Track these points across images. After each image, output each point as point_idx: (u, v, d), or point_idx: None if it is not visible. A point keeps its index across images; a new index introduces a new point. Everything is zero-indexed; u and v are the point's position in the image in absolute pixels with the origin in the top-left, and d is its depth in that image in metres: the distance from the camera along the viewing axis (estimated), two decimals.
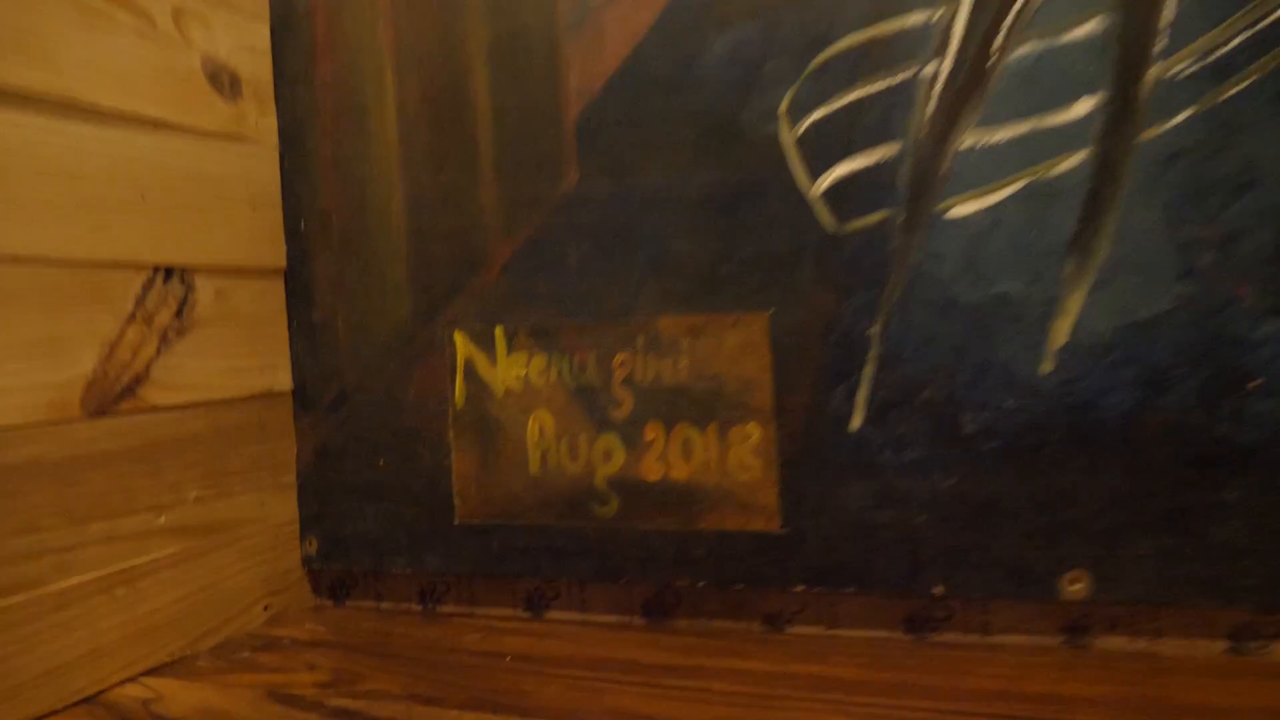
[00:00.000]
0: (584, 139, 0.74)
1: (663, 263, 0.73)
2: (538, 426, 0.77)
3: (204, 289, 0.76)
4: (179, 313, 0.74)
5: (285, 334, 0.85)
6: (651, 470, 0.74)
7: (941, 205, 0.66)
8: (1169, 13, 0.59)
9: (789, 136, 0.69)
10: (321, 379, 0.84)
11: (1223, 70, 0.59)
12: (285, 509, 0.84)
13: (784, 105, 0.69)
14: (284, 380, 0.84)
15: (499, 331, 0.78)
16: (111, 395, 0.69)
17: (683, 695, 0.61)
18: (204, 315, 0.76)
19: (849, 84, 0.67)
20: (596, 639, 0.73)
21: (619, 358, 0.75)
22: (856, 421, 0.68)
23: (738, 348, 0.71)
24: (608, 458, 0.75)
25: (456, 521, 0.80)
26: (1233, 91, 0.58)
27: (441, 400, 0.80)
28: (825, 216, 0.68)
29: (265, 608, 0.82)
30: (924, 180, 0.66)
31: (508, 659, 0.69)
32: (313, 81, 0.83)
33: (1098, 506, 0.63)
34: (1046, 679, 0.60)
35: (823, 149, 0.68)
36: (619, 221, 0.74)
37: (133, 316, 0.71)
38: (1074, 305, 0.63)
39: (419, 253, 0.80)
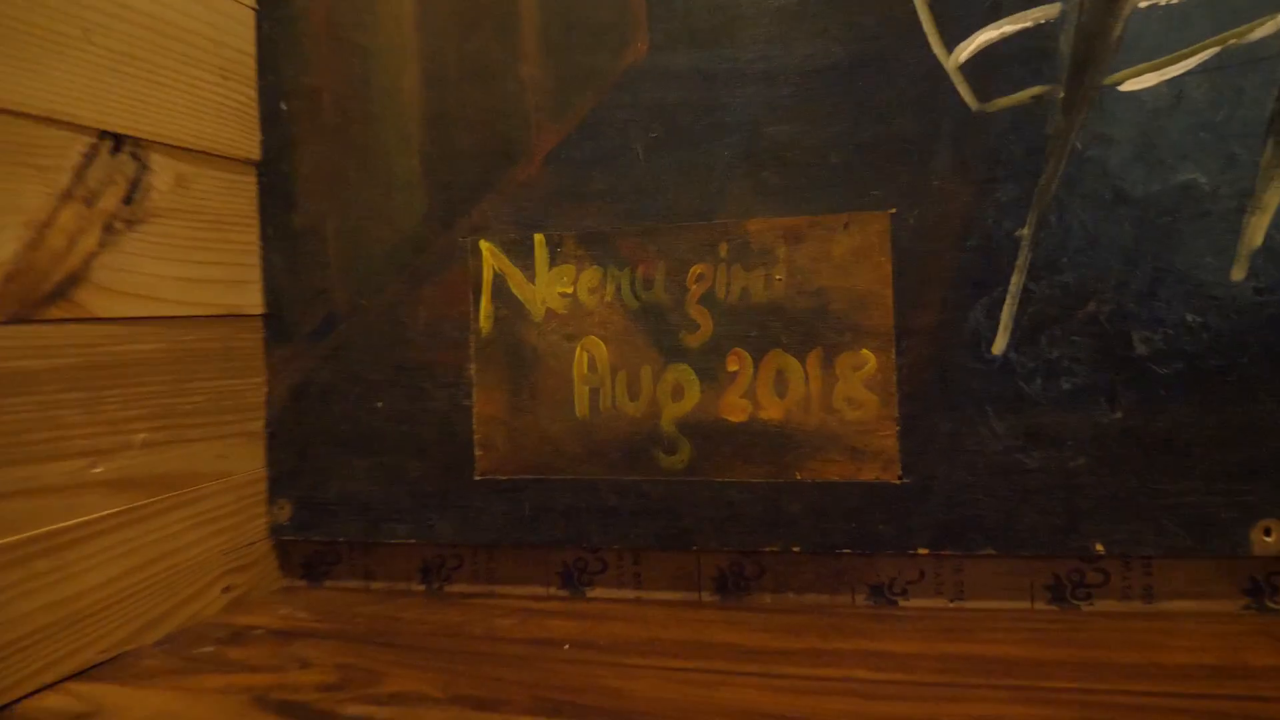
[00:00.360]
0: (657, 1, 0.61)
1: (755, 151, 0.59)
2: (587, 357, 0.63)
3: (162, 171, 0.59)
4: (129, 197, 0.57)
5: (257, 242, 0.68)
6: (735, 409, 0.60)
7: (1111, 79, 0.54)
8: None
9: None
10: (302, 301, 0.68)
11: None
12: (252, 463, 0.67)
13: None
14: (254, 300, 0.67)
15: (540, 239, 0.63)
16: (38, 295, 0.51)
17: (803, 686, 0.48)
18: (161, 205, 0.59)
19: None
20: (665, 621, 0.59)
21: (696, 270, 0.61)
22: (1000, 344, 0.56)
23: (849, 255, 0.58)
24: (678, 395, 0.61)
25: (477, 477, 0.64)
26: None
27: (461, 326, 0.65)
28: (966, 92, 0.56)
29: (225, 589, 0.64)
30: (1090, 48, 0.54)
31: (566, 647, 0.54)
32: None
33: None
34: (1232, 650, 0.49)
35: (963, 9, 0.56)
36: (700, 100, 0.60)
37: (69, 194, 0.53)
38: (1274, 199, 0.52)
39: (437, 142, 0.65)
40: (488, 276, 0.64)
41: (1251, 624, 0.54)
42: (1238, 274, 0.53)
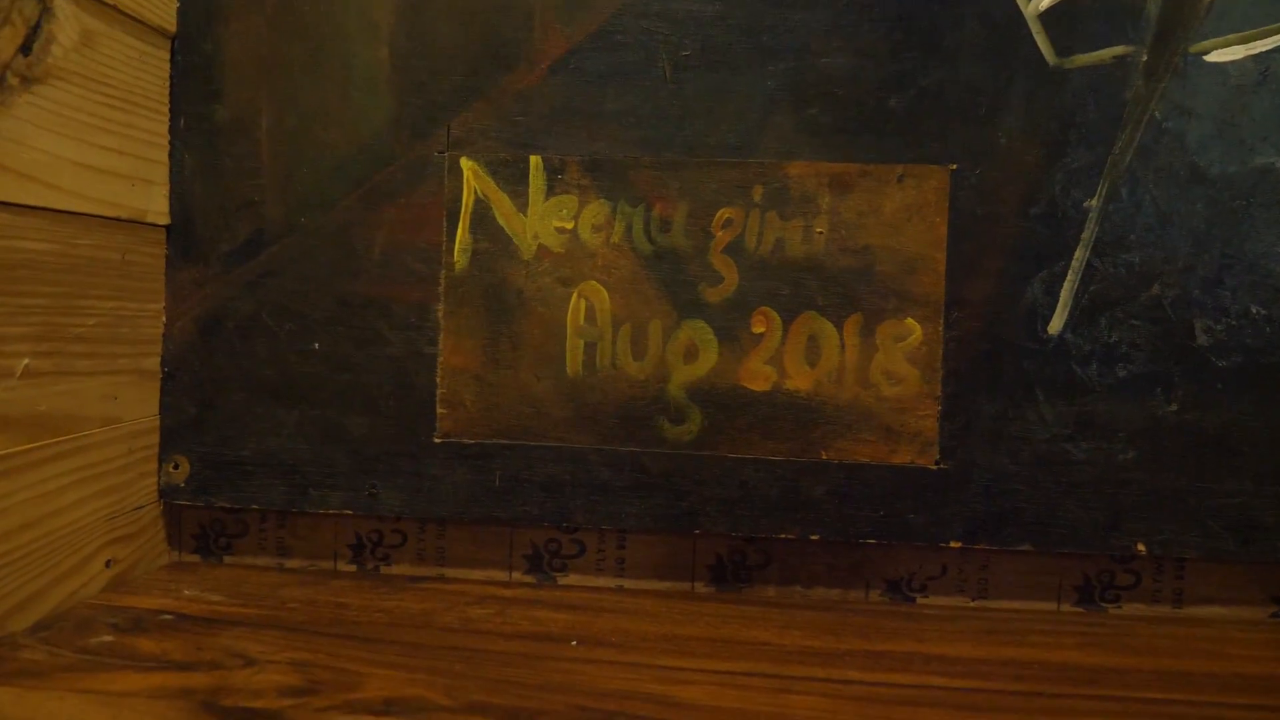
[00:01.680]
0: None
1: (803, 84, 0.52)
2: (585, 306, 0.53)
3: (66, 22, 0.45)
4: (26, 45, 0.42)
5: (166, 134, 0.54)
6: (757, 377, 0.53)
7: (1197, 46, 0.50)
8: None
9: None
10: (221, 213, 0.54)
11: None
12: (144, 409, 0.54)
13: None
14: (158, 206, 0.53)
15: (536, 162, 0.53)
16: None
17: (876, 694, 0.41)
18: (63, 65, 0.45)
19: None
20: (667, 614, 0.51)
21: (723, 214, 0.52)
22: (1058, 323, 0.51)
23: (902, 212, 0.52)
24: (691, 356, 0.53)
25: (437, 440, 0.54)
26: None
27: (429, 258, 0.54)
28: (1044, 44, 0.51)
29: (108, 563, 0.51)
30: (1179, 11, 0.50)
31: (574, 644, 0.45)
32: None
33: None
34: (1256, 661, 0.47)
35: None
36: (743, 17, 0.52)
37: None
38: None
39: (413, 33, 0.53)
40: (468, 201, 0.53)
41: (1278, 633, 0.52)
42: None
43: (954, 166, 0.51)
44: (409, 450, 0.54)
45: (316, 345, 0.54)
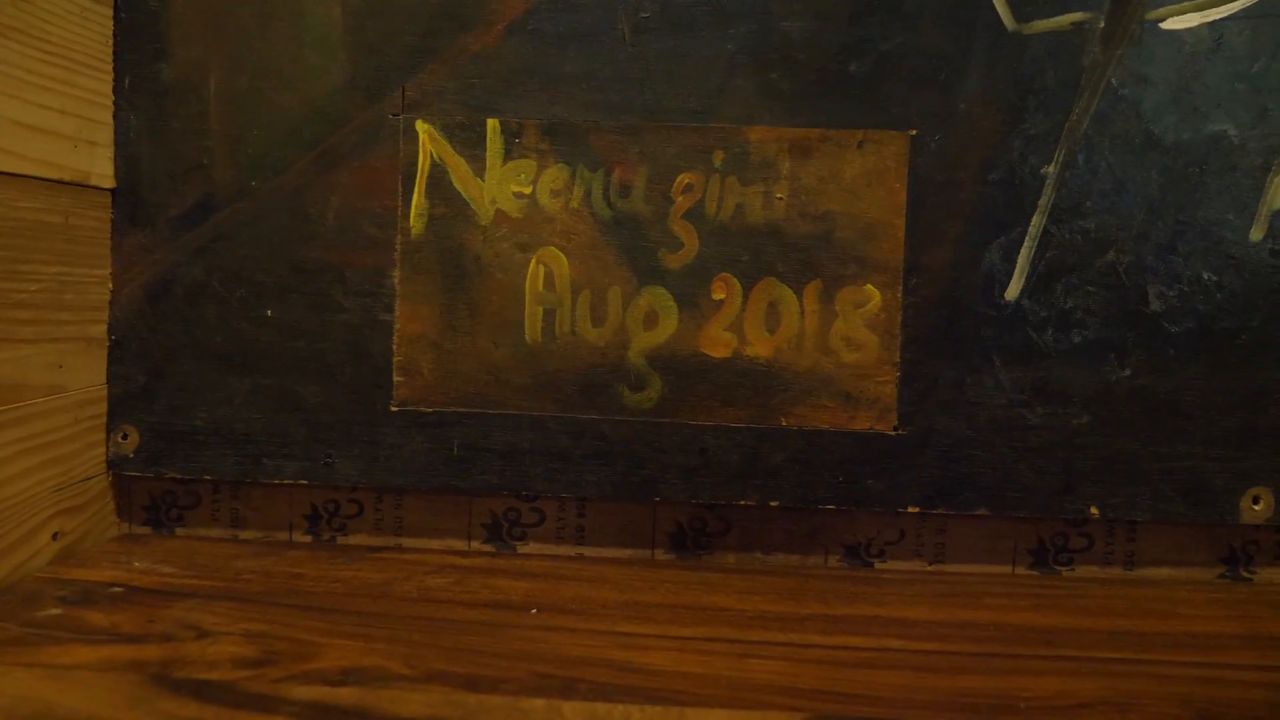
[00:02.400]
0: None
1: (764, 47, 0.51)
2: (543, 272, 0.53)
3: None
4: None
5: (110, 94, 0.52)
6: (717, 343, 0.52)
7: (1154, 13, 0.50)
8: None
9: None
10: (168, 177, 0.53)
11: None
12: (91, 377, 0.52)
13: None
14: (103, 169, 0.52)
15: (493, 126, 0.52)
16: None
17: (831, 656, 0.41)
18: None
19: None
20: (629, 582, 0.51)
21: (684, 179, 0.52)
22: (1015, 289, 0.51)
23: (862, 177, 0.51)
24: (651, 323, 0.52)
25: (394, 409, 0.53)
26: None
27: (384, 223, 0.53)
28: (1003, 9, 0.51)
29: (55, 535, 0.49)
30: None
31: (533, 612, 0.45)
32: None
33: None
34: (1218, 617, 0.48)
35: None
36: None
37: None
38: None
39: None
40: (423, 165, 0.52)
41: (1226, 592, 0.53)
42: (1256, 234, 0.51)
43: (914, 132, 0.51)
44: (365, 419, 0.53)
45: (269, 312, 0.53)
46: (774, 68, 0.51)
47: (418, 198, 0.52)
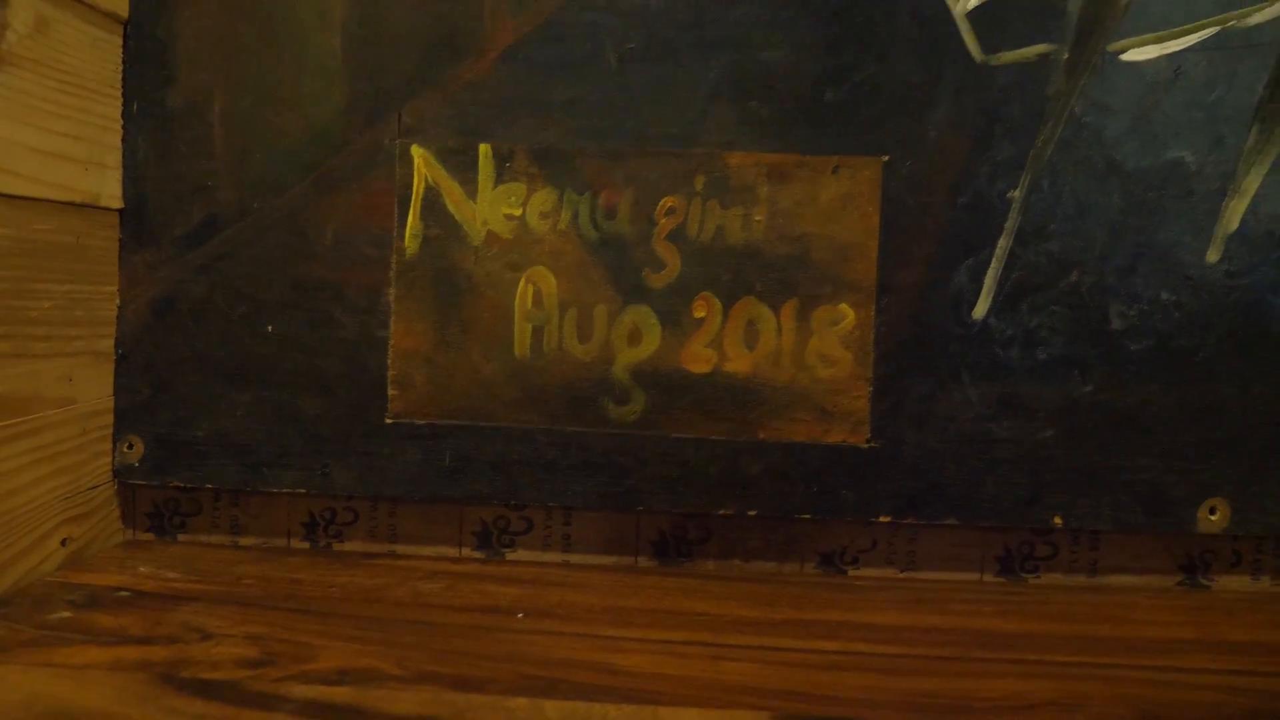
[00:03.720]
0: None
1: (743, 76, 0.54)
2: (532, 291, 0.55)
3: (22, 6, 0.45)
4: None
5: (119, 119, 0.55)
6: (698, 359, 0.55)
7: (1115, 45, 0.53)
8: None
9: None
10: (174, 197, 0.55)
11: None
12: (99, 389, 0.55)
13: None
14: (112, 190, 0.54)
15: (485, 150, 0.55)
16: None
17: (808, 659, 0.44)
18: (19, 51, 0.45)
19: None
20: (614, 588, 0.53)
21: (667, 203, 0.54)
22: (982, 308, 0.54)
23: (837, 201, 0.54)
24: (635, 339, 0.55)
25: (389, 420, 0.55)
26: None
27: (381, 243, 0.55)
28: (971, 42, 0.53)
29: (64, 541, 0.52)
30: (1098, 11, 0.52)
31: (520, 616, 0.47)
32: None
33: (1251, 423, 0.54)
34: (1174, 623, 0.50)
35: None
36: (687, 11, 0.54)
37: None
38: (1253, 185, 0.53)
39: (366, 20, 0.54)
40: (418, 188, 0.55)
41: (1184, 599, 0.55)
42: (1213, 256, 0.53)
43: (886, 158, 0.54)
44: (361, 430, 0.56)
45: (270, 328, 0.55)
46: (753, 96, 0.54)
47: (413, 219, 0.55)
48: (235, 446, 0.56)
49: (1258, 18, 0.52)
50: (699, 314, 0.54)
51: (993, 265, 0.54)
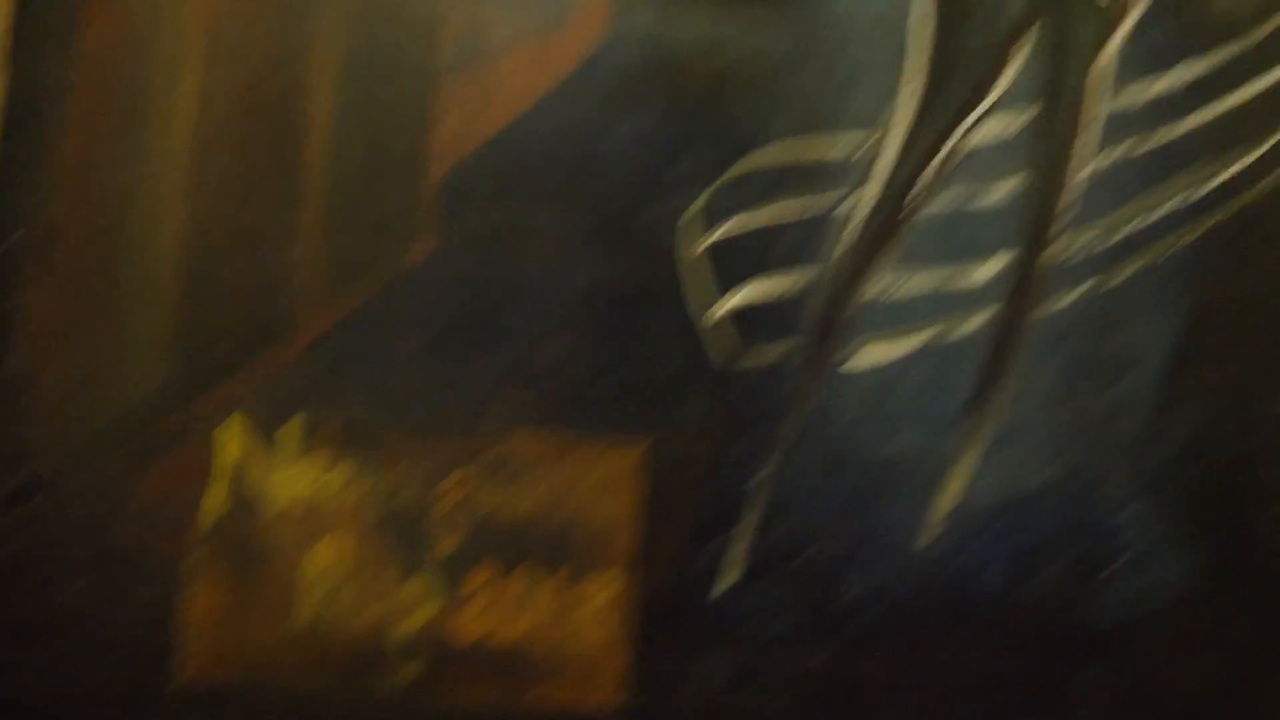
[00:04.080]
0: (449, 203, 0.62)
1: (525, 369, 0.61)
2: (323, 558, 0.59)
3: None
4: None
5: None
6: (472, 626, 0.59)
7: (846, 350, 0.62)
8: (1074, 190, 0.61)
9: (688, 251, 0.62)
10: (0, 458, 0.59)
11: (1119, 251, 0.62)
12: None
13: (690, 214, 0.62)
14: None
15: (291, 426, 0.60)
16: None
17: None
18: None
19: (765, 201, 0.62)
20: None
21: (455, 477, 0.60)
22: (724, 584, 0.60)
23: (607, 478, 0.60)
24: (414, 607, 0.59)
25: (173, 689, 0.58)
26: (1126, 273, 0.61)
27: (184, 512, 0.59)
28: (717, 347, 0.62)
29: None
30: (830, 321, 0.62)
31: None
32: (72, 46, 0.61)
33: (970, 687, 0.60)
34: None
35: (723, 271, 0.62)
36: (477, 310, 0.61)
37: None
38: (961, 472, 0.61)
39: (194, 305, 0.61)
40: (226, 460, 0.60)
41: None
42: (927, 536, 0.60)
43: (652, 440, 0.61)
44: (146, 695, 0.58)
45: (69, 590, 0.58)
46: (534, 385, 0.61)
47: (216, 490, 0.59)
48: (23, 710, 0.57)
49: (970, 325, 0.61)
50: (477, 583, 0.59)
51: (736, 544, 0.60)
